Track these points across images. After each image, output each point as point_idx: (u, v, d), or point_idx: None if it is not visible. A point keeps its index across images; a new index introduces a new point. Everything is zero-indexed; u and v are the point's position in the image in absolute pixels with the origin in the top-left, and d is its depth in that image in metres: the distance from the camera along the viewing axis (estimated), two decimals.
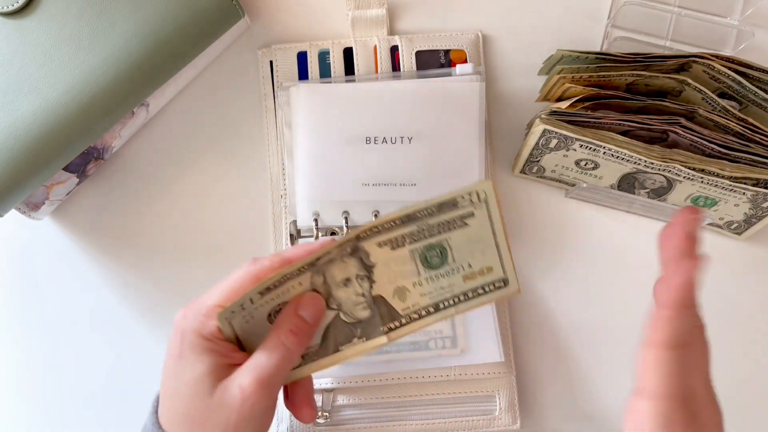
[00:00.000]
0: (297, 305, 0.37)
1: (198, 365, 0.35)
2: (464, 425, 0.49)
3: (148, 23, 0.46)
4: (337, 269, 0.37)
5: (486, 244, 0.38)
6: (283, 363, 0.36)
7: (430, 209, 0.37)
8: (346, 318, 0.38)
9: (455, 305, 0.38)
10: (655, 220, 0.53)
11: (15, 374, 0.51)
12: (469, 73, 0.51)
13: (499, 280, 0.38)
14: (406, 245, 0.37)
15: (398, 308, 0.38)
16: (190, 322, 0.36)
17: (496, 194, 0.37)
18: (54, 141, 0.45)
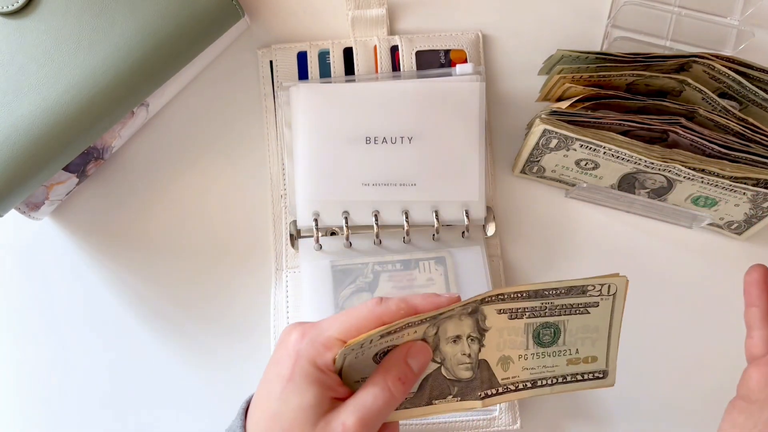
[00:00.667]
0: (407, 353, 0.37)
1: (307, 394, 0.35)
2: (464, 425, 0.49)
3: (147, 23, 0.46)
4: (452, 325, 0.37)
5: (599, 335, 0.38)
6: (386, 408, 0.36)
7: (559, 290, 0.37)
8: (446, 374, 0.38)
9: (552, 386, 0.39)
10: (655, 220, 0.53)
11: (15, 374, 0.51)
12: (469, 73, 0.51)
13: (600, 372, 0.39)
14: (524, 318, 0.37)
15: (499, 376, 0.38)
16: (306, 347, 0.36)
17: (626, 290, 0.37)
18: (54, 141, 0.45)
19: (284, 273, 0.51)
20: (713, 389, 0.51)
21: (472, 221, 0.50)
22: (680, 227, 0.53)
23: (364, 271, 0.50)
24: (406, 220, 0.49)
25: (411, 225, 0.50)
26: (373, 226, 0.49)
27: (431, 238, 0.51)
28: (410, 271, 0.50)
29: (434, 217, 0.50)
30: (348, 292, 0.49)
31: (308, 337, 0.36)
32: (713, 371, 0.51)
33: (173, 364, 0.51)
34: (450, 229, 0.51)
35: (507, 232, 0.53)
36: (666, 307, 0.52)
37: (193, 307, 0.52)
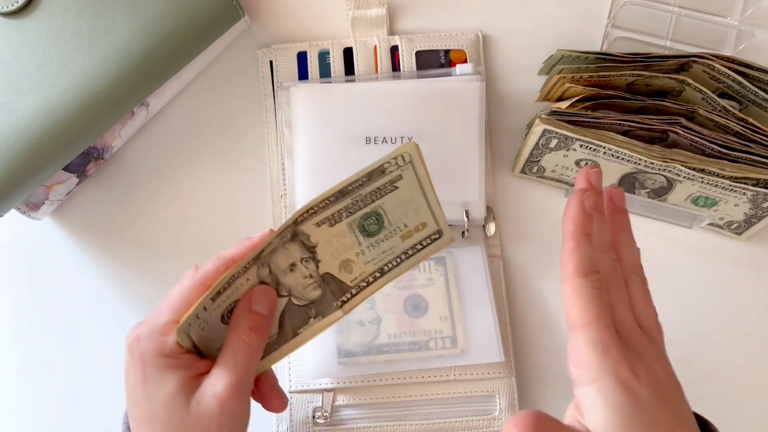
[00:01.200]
0: (249, 301, 0.37)
1: (167, 385, 0.35)
2: (464, 425, 0.49)
3: (148, 23, 0.46)
4: (281, 257, 0.38)
5: (417, 203, 0.38)
6: (250, 362, 0.36)
7: (361, 180, 0.37)
8: (298, 302, 0.39)
9: (398, 265, 0.40)
10: (655, 220, 0.53)
11: (16, 373, 0.51)
12: (469, 73, 0.51)
13: (434, 233, 0.39)
14: (344, 219, 0.38)
15: (347, 281, 0.39)
16: (145, 344, 0.36)
17: (419, 154, 0.37)
18: (54, 141, 0.45)
19: None
20: (714, 389, 0.51)
21: (472, 221, 0.50)
22: (680, 227, 0.53)
23: None
24: None
25: None
26: None
27: None
28: (410, 271, 0.49)
29: None
30: None
31: (143, 335, 0.36)
32: (713, 371, 0.51)
33: None
34: (450, 229, 0.51)
35: (507, 232, 0.53)
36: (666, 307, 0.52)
37: None
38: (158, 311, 0.37)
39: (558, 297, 0.52)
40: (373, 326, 0.48)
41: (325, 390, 0.48)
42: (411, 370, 0.48)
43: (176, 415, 0.35)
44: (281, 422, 0.48)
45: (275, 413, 0.40)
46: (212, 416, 0.35)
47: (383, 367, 0.48)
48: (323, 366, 0.48)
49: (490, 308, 0.49)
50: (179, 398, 0.35)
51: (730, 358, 0.51)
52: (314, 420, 0.48)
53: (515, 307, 0.52)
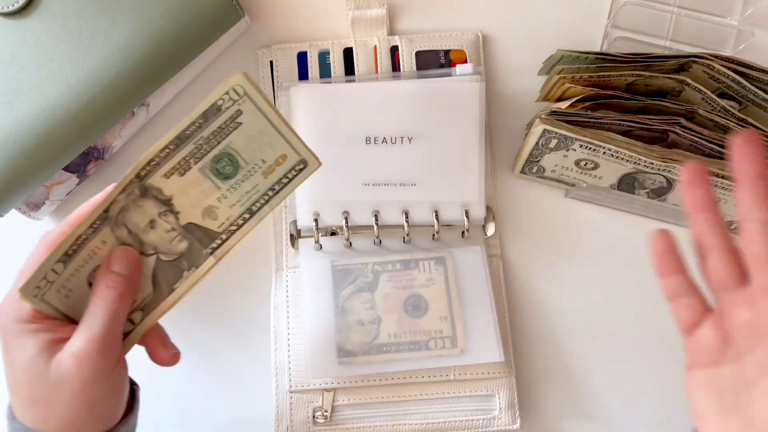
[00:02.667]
0: (108, 263, 0.37)
1: (26, 349, 0.35)
2: (464, 425, 0.49)
3: (148, 23, 0.46)
4: (137, 215, 0.37)
5: (269, 135, 0.37)
6: (110, 319, 0.36)
7: (197, 122, 0.36)
8: (167, 257, 0.38)
9: (268, 202, 0.38)
10: (655, 220, 0.53)
11: None
12: (469, 73, 0.51)
13: (298, 163, 0.38)
14: (193, 166, 0.37)
15: (213, 227, 0.38)
16: (7, 313, 0.36)
17: (252, 83, 0.35)
18: (54, 141, 0.45)
19: (284, 273, 0.51)
20: None
21: (472, 221, 0.50)
22: (680, 227, 0.53)
23: (364, 271, 0.50)
24: (406, 220, 0.50)
25: (411, 225, 0.50)
26: (373, 226, 0.49)
27: (431, 238, 0.51)
28: (410, 271, 0.50)
29: (434, 217, 0.50)
30: (348, 292, 0.49)
31: (5, 305, 0.37)
32: None
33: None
34: (450, 229, 0.51)
35: (507, 232, 0.53)
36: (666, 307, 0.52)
37: (193, 307, 0.51)
38: (16, 280, 0.37)
39: (558, 296, 0.52)
40: (373, 326, 0.48)
41: (325, 390, 0.49)
42: (411, 369, 0.48)
43: (37, 377, 0.35)
44: (281, 422, 0.48)
45: (166, 366, 0.39)
46: (72, 375, 0.34)
47: (383, 367, 0.48)
48: (323, 366, 0.48)
49: (490, 308, 0.49)
50: (39, 361, 0.35)
51: None
52: (314, 420, 0.48)
53: (515, 307, 0.52)
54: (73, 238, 0.36)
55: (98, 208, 0.36)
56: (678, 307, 0.35)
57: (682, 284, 0.35)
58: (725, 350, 0.33)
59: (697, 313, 0.34)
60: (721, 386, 0.33)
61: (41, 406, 0.35)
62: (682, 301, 0.35)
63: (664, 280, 0.35)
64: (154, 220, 0.38)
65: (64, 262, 0.36)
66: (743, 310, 0.32)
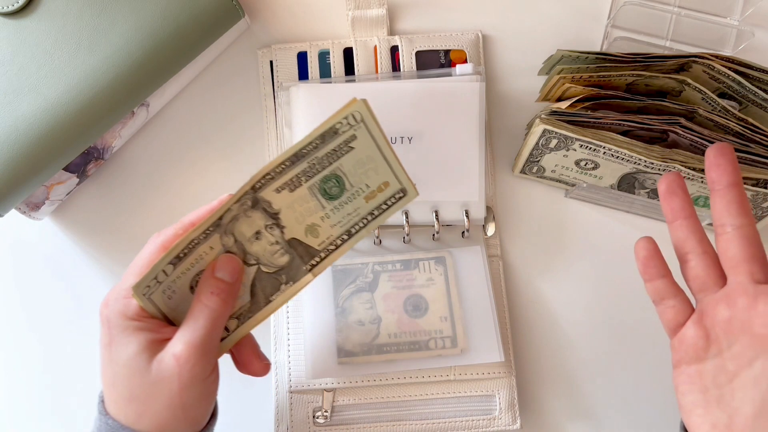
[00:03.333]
0: (213, 268, 0.37)
1: (130, 346, 0.36)
2: (464, 425, 0.49)
3: (148, 23, 0.46)
4: (245, 225, 0.38)
5: (376, 162, 0.38)
6: (211, 324, 0.37)
7: (314, 142, 0.37)
8: (267, 269, 0.39)
9: (365, 226, 0.40)
10: (655, 220, 0.53)
11: (15, 373, 0.51)
12: (469, 73, 0.51)
13: (398, 192, 0.39)
14: (303, 184, 0.38)
15: (314, 245, 0.39)
16: (112, 307, 0.37)
17: (370, 111, 0.36)
18: (54, 141, 0.45)
19: None
20: None
21: (472, 221, 0.50)
22: None
23: (364, 271, 0.50)
24: (406, 220, 0.50)
25: (411, 225, 0.50)
26: None
27: (431, 238, 0.51)
28: (410, 271, 0.50)
29: (434, 217, 0.50)
30: (348, 292, 0.49)
31: (112, 298, 0.37)
32: None
33: None
34: (450, 229, 0.51)
35: (507, 232, 0.53)
36: None
37: None
38: (125, 277, 0.38)
39: (558, 296, 0.52)
40: (373, 326, 0.48)
41: (325, 390, 0.49)
42: (411, 369, 0.48)
43: (137, 375, 0.35)
44: (281, 422, 0.48)
45: (257, 376, 0.40)
46: (172, 376, 0.35)
47: (383, 367, 0.48)
48: (323, 366, 0.48)
49: (490, 308, 0.49)
50: (141, 359, 0.35)
51: None
52: (314, 420, 0.48)
53: (515, 307, 0.52)
54: (186, 242, 0.36)
55: (214, 214, 0.37)
56: (663, 309, 0.37)
57: (666, 287, 0.37)
58: (707, 347, 0.35)
59: (681, 313, 0.37)
60: (704, 381, 0.35)
61: (138, 404, 0.36)
62: (667, 303, 0.37)
63: (649, 284, 0.38)
64: (260, 232, 0.38)
65: (174, 264, 0.37)
66: (722, 309, 0.34)
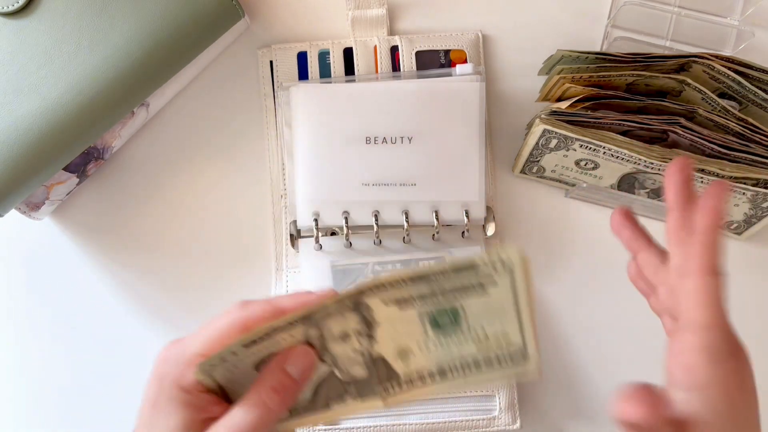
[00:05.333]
0: (285, 359, 0.33)
1: (172, 418, 0.33)
2: (464, 425, 0.49)
3: (148, 23, 0.46)
4: (335, 323, 0.34)
5: (506, 314, 0.33)
6: (261, 423, 0.33)
7: (446, 272, 0.32)
8: (340, 375, 0.35)
9: (463, 372, 0.34)
10: (655, 220, 0.53)
11: (15, 373, 0.51)
12: (469, 73, 0.51)
13: (516, 351, 0.33)
14: (416, 307, 0.33)
15: (399, 371, 0.34)
16: (170, 368, 0.34)
17: (525, 264, 0.32)
18: (54, 141, 0.45)
19: (284, 273, 0.51)
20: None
21: (472, 221, 0.50)
22: None
23: (364, 271, 0.50)
24: (406, 220, 0.50)
25: (411, 225, 0.50)
26: (373, 226, 0.49)
27: (431, 238, 0.51)
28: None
29: (434, 217, 0.50)
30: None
31: (172, 357, 0.34)
32: None
33: None
34: (450, 229, 0.51)
35: (507, 232, 0.53)
36: None
37: (193, 307, 0.52)
38: (192, 339, 0.34)
39: (558, 296, 0.52)
40: None
41: None
42: None
43: None
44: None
45: None
46: None
47: None
48: None
49: None
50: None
51: None
52: None
53: None
54: (268, 329, 0.32)
55: (307, 310, 0.33)
56: (651, 301, 0.41)
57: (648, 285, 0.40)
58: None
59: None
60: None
61: None
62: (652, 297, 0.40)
63: (637, 284, 0.41)
64: (349, 335, 0.34)
65: (247, 347, 0.33)
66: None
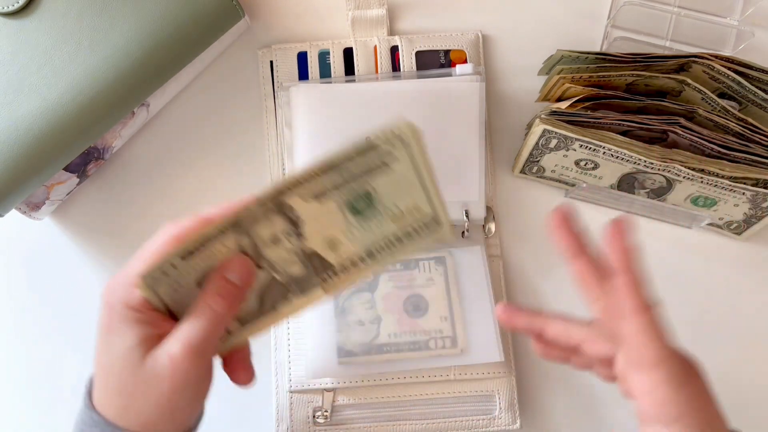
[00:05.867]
0: (223, 268, 0.35)
1: (127, 337, 0.34)
2: (464, 425, 0.49)
3: (148, 23, 0.46)
4: (263, 228, 0.36)
5: (412, 186, 0.36)
6: (212, 327, 0.35)
7: (351, 156, 0.35)
8: (279, 277, 0.37)
9: (389, 250, 0.37)
10: (654, 220, 0.53)
11: (15, 372, 0.51)
12: (469, 73, 0.51)
13: (430, 220, 0.36)
14: (332, 196, 0.36)
15: (331, 260, 0.37)
16: (117, 294, 0.35)
17: (416, 134, 0.35)
18: (54, 141, 0.45)
19: None
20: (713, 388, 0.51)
21: (472, 221, 0.50)
22: (680, 227, 0.53)
23: None
24: None
25: None
26: None
27: None
28: (410, 271, 0.50)
29: None
30: (348, 292, 0.49)
31: (117, 284, 0.36)
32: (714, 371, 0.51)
33: None
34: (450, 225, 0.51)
35: (507, 232, 0.53)
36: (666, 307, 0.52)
37: None
38: (133, 262, 0.36)
39: (558, 296, 0.52)
40: (373, 326, 0.48)
41: (325, 390, 0.49)
42: (411, 369, 0.48)
43: (130, 369, 0.34)
44: (281, 422, 0.48)
45: (241, 386, 0.38)
46: (164, 376, 0.34)
47: (383, 366, 0.48)
48: (323, 366, 0.48)
49: (490, 308, 0.49)
50: (136, 352, 0.34)
51: (730, 358, 0.51)
52: (314, 420, 0.48)
53: None
54: (200, 237, 0.35)
55: (234, 213, 0.35)
56: (574, 362, 0.41)
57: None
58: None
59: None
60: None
61: (125, 397, 0.34)
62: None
63: (551, 357, 0.42)
64: (279, 238, 0.36)
65: (185, 258, 0.35)
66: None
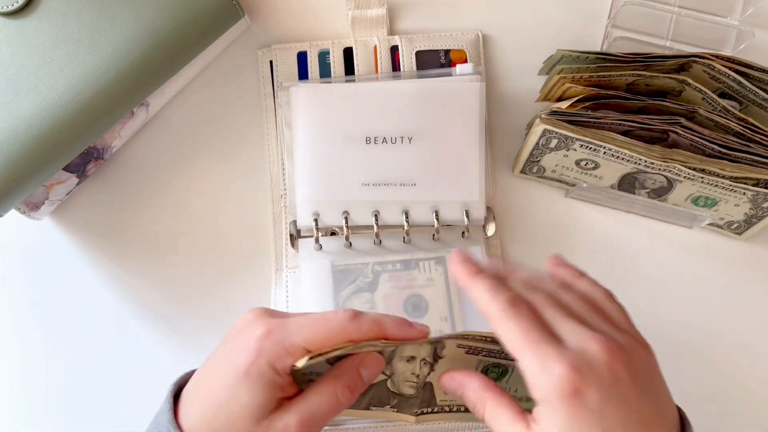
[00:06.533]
0: (361, 363, 0.37)
1: (258, 395, 0.35)
2: (464, 425, 0.48)
3: (148, 23, 0.46)
4: (410, 346, 0.37)
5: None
6: (330, 412, 0.36)
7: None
8: (391, 387, 0.39)
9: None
10: (655, 220, 0.53)
11: (15, 372, 0.51)
12: (469, 73, 0.51)
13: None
14: (480, 355, 0.38)
15: (438, 398, 0.40)
16: (269, 347, 0.36)
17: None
18: (54, 141, 0.45)
19: (284, 273, 0.51)
20: (714, 389, 0.51)
21: (472, 221, 0.50)
22: (680, 227, 0.53)
23: (364, 271, 0.50)
24: (406, 220, 0.49)
25: (411, 225, 0.50)
26: (373, 226, 0.49)
27: (431, 238, 0.51)
28: (410, 271, 0.50)
29: (434, 217, 0.50)
30: (348, 292, 0.49)
31: (273, 338, 0.36)
32: (713, 371, 0.51)
33: (173, 363, 0.51)
34: (450, 229, 0.51)
35: (507, 232, 0.53)
36: (666, 307, 0.52)
37: (193, 307, 0.52)
38: (297, 327, 0.36)
39: None
40: None
41: None
42: None
43: (245, 422, 0.35)
44: None
45: None
46: None
47: None
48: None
49: None
50: (258, 411, 0.35)
51: (730, 358, 0.51)
52: None
53: None
54: (368, 346, 0.36)
55: (406, 341, 0.37)
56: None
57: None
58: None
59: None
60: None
61: None
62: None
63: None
64: (415, 359, 0.38)
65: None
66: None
